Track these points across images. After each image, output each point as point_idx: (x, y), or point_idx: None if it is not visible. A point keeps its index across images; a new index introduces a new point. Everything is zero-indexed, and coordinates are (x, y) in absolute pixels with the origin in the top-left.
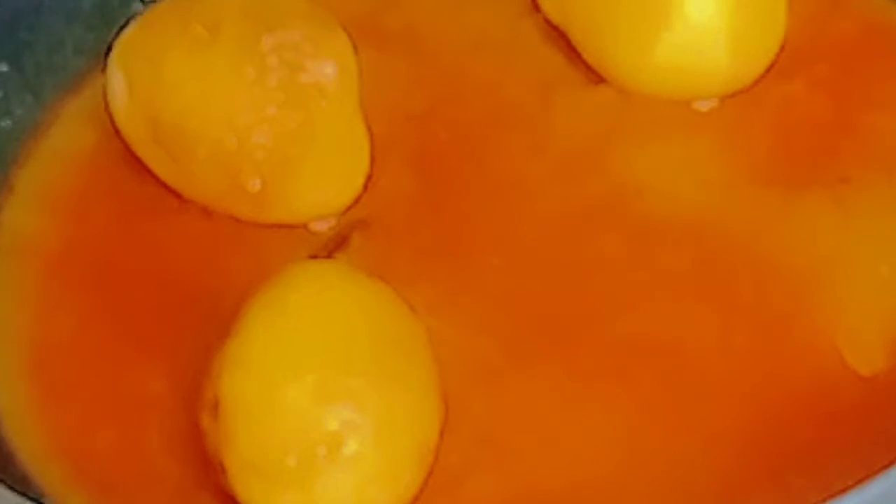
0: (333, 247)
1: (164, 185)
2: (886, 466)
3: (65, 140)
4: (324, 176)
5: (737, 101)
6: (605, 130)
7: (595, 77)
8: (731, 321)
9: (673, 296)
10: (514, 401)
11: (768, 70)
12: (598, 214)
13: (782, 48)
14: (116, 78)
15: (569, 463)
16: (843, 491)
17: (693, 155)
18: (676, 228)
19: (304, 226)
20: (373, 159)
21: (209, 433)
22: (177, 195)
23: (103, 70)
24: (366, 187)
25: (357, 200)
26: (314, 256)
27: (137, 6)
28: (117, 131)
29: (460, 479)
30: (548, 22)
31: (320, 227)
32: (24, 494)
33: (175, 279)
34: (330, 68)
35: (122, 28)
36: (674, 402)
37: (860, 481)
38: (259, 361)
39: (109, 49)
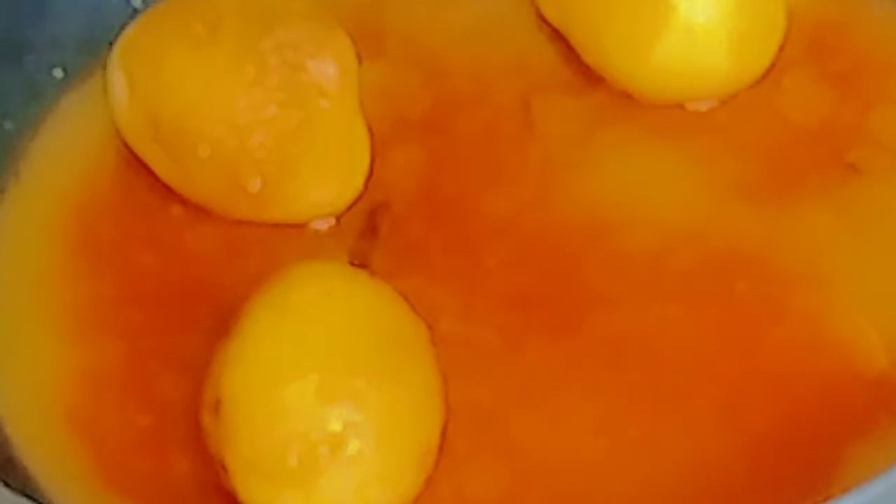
0: (367, 239)
1: (165, 185)
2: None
3: (65, 140)
4: (324, 175)
5: (736, 102)
6: (604, 131)
7: (594, 78)
8: (728, 320)
9: (673, 296)
10: (514, 388)
11: (768, 70)
12: (596, 215)
13: (782, 48)
14: (117, 77)
15: (562, 447)
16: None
17: (693, 155)
18: (676, 229)
19: (305, 225)
20: (373, 159)
21: (211, 433)
22: (177, 195)
23: (104, 69)
24: (366, 187)
25: (357, 200)
26: (352, 260)
27: (138, 6)
28: (118, 131)
29: (465, 460)
30: (547, 23)
31: (320, 226)
32: (24, 494)
33: (175, 278)
34: (330, 68)
35: (122, 28)
36: (662, 396)
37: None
38: (260, 361)
39: (110, 48)
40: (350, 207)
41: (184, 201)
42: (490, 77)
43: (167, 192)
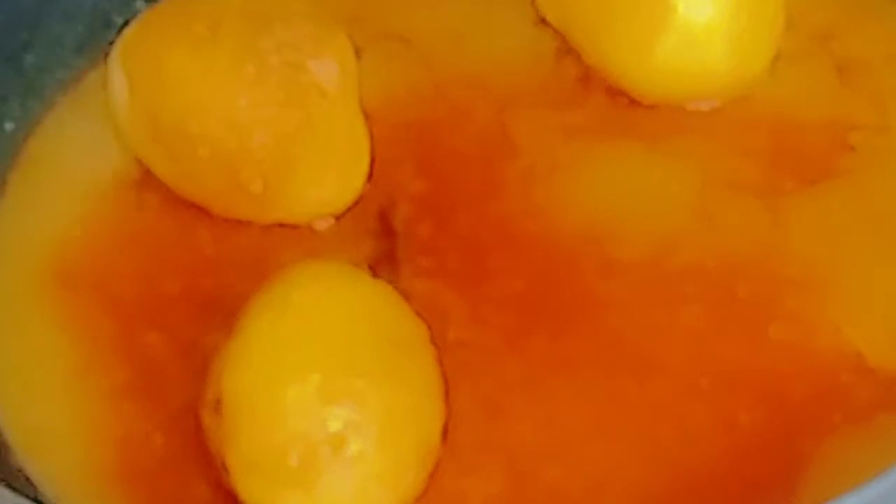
0: (388, 239)
1: (165, 185)
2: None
3: (65, 140)
4: (324, 175)
5: (735, 102)
6: (602, 133)
7: (592, 79)
8: (722, 323)
9: (670, 299)
10: (515, 389)
11: (766, 70)
12: (594, 218)
13: (781, 48)
14: (117, 77)
15: (561, 447)
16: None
17: (690, 157)
18: (674, 232)
19: (305, 226)
20: (372, 159)
21: (211, 432)
22: (177, 195)
23: (104, 70)
24: (365, 187)
25: (357, 202)
26: (372, 263)
27: (138, 6)
28: (118, 131)
29: (465, 460)
30: (544, 22)
31: (321, 226)
32: (24, 494)
33: (175, 279)
34: (330, 68)
35: (122, 28)
36: (658, 397)
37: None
38: (261, 361)
39: (110, 49)
40: (350, 208)
41: (184, 201)
42: (489, 79)
43: (167, 193)
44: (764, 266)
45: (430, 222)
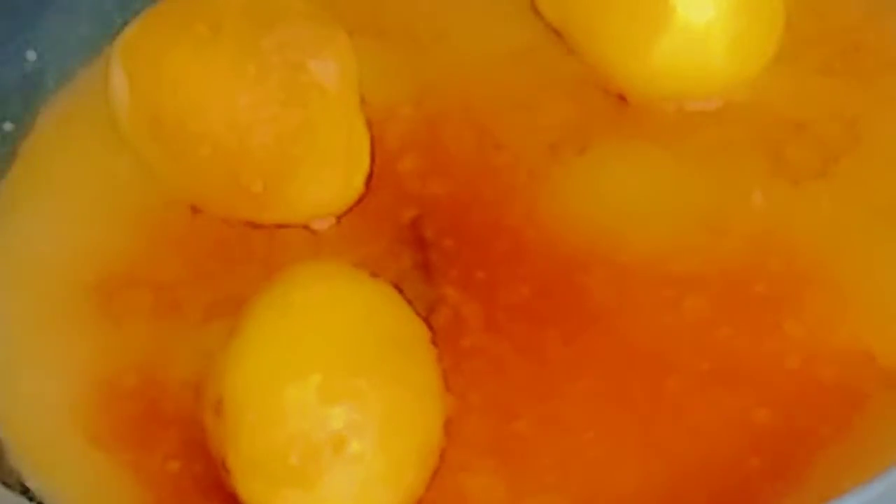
0: (422, 252)
1: (164, 185)
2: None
3: (65, 140)
4: (324, 175)
5: (737, 101)
6: (602, 132)
7: (592, 80)
8: (731, 324)
9: (676, 300)
10: (517, 393)
11: (766, 69)
12: (598, 223)
13: (779, 46)
14: (118, 77)
15: (563, 449)
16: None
17: (695, 155)
18: (678, 234)
19: (305, 226)
20: (373, 159)
21: (212, 432)
22: (176, 194)
23: (104, 70)
24: (366, 187)
25: (359, 202)
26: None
27: (138, 6)
28: (118, 131)
29: (467, 461)
30: (544, 23)
31: (321, 226)
32: (24, 495)
33: (175, 279)
34: (331, 68)
35: (122, 28)
36: (664, 400)
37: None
38: (262, 361)
39: (110, 49)
40: (351, 209)
41: (184, 201)
42: (489, 79)
43: (167, 193)
44: (772, 265)
45: (447, 232)
